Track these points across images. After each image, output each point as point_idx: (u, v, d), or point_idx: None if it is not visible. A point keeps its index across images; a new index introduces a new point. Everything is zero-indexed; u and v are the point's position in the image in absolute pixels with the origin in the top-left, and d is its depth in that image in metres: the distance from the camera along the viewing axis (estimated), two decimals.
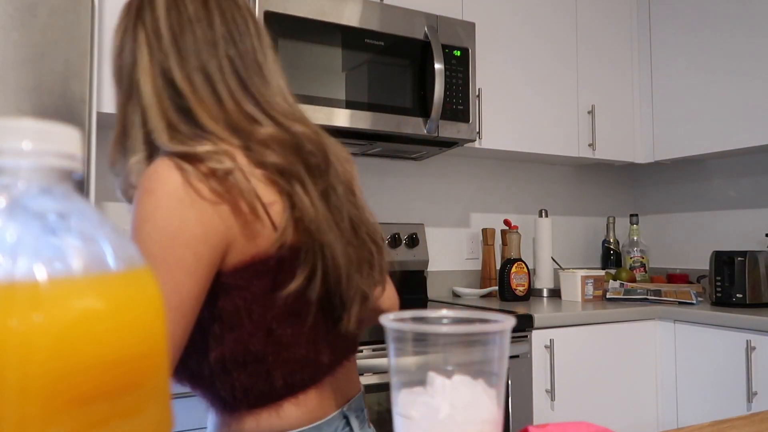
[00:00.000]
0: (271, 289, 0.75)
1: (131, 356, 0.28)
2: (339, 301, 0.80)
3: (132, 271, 0.30)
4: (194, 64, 0.78)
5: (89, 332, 0.26)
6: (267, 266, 0.75)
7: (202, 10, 0.81)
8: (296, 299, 0.77)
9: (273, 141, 0.76)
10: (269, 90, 0.82)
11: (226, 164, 0.72)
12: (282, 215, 0.75)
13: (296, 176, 0.76)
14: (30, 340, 0.24)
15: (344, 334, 0.83)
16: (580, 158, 2.56)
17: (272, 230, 0.74)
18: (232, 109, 0.78)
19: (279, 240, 0.74)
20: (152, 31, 0.80)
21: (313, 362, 0.79)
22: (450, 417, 0.41)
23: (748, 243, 2.56)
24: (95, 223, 0.30)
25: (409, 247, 2.34)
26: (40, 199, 0.28)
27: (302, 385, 0.79)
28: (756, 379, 1.88)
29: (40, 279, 0.26)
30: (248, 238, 0.74)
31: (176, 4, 0.81)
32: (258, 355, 0.76)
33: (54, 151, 0.28)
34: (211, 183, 0.72)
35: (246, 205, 0.72)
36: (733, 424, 0.72)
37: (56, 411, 0.25)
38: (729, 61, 2.33)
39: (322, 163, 0.79)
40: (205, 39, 0.80)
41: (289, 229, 0.75)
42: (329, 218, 0.78)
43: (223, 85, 0.79)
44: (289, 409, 0.78)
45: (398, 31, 1.99)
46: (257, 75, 0.82)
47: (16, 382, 0.24)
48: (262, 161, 0.75)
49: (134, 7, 0.83)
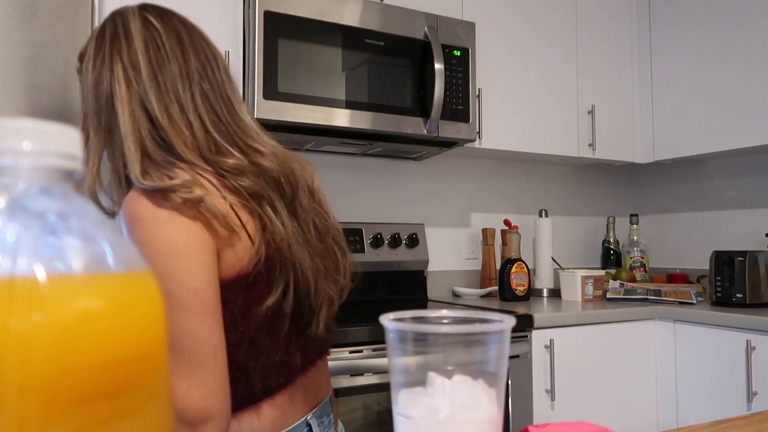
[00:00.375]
0: (252, 303, 0.81)
1: (131, 356, 0.28)
2: (308, 308, 0.86)
3: (132, 271, 0.30)
4: (172, 98, 0.83)
5: (89, 332, 0.26)
6: (248, 281, 0.80)
7: (178, 47, 0.86)
8: (273, 312, 0.82)
9: (240, 169, 0.82)
10: (238, 121, 0.88)
11: (196, 193, 0.76)
12: (256, 234, 0.80)
13: (266, 198, 0.82)
14: (30, 340, 0.24)
15: (314, 338, 0.89)
16: (580, 158, 2.56)
17: (251, 247, 0.80)
18: (203, 138, 0.83)
19: (256, 256, 0.80)
20: (130, 64, 0.84)
21: (287, 365, 0.85)
22: (450, 417, 0.41)
23: (748, 243, 2.56)
24: (95, 224, 0.30)
25: (409, 247, 2.35)
26: (40, 199, 0.28)
27: (278, 387, 0.85)
28: (756, 379, 1.88)
29: (40, 279, 0.26)
30: (231, 253, 0.79)
31: (153, 39, 0.85)
32: (240, 364, 0.81)
33: (54, 151, 0.28)
34: (184, 209, 0.76)
35: (220, 225, 0.77)
36: (733, 424, 0.72)
37: (56, 411, 0.25)
38: (729, 61, 2.33)
39: (288, 185, 0.86)
40: (181, 74, 0.85)
41: (262, 247, 0.80)
42: (299, 234, 0.85)
43: (195, 116, 0.84)
44: (267, 411, 0.84)
45: (398, 31, 1.99)
46: (227, 107, 0.88)
47: (16, 382, 0.24)
48: (234, 185, 0.81)
49: (108, 39, 0.86)
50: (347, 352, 1.60)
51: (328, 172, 2.35)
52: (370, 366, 1.61)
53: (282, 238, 0.82)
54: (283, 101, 1.80)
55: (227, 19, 1.85)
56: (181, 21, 0.90)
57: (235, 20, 1.86)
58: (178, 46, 0.86)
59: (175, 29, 0.88)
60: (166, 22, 0.88)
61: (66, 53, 1.40)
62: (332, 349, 1.59)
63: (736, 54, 2.30)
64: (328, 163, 2.35)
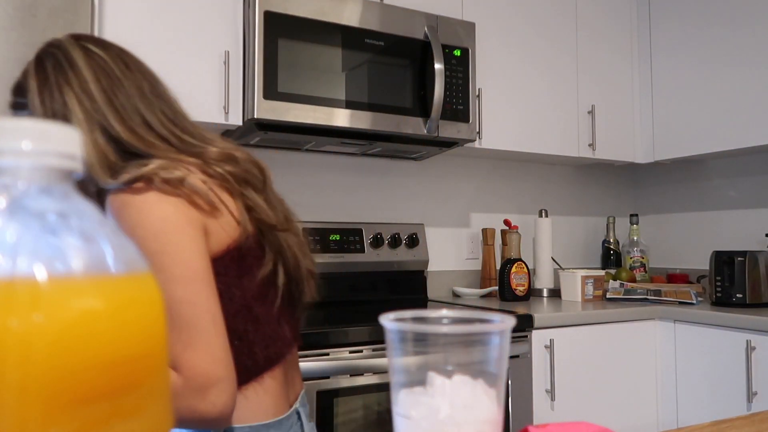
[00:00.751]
0: (244, 274, 0.86)
1: (131, 356, 0.28)
2: (295, 284, 0.95)
3: (132, 271, 0.30)
4: (135, 119, 0.87)
5: (89, 332, 0.26)
6: (239, 253, 0.86)
7: (128, 70, 0.90)
8: (266, 284, 0.89)
9: (223, 157, 0.88)
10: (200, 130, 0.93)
11: (176, 173, 0.80)
12: (239, 213, 0.86)
13: (250, 183, 0.89)
14: (30, 340, 0.24)
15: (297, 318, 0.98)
16: (580, 158, 2.56)
17: (235, 223, 0.85)
18: (178, 143, 0.88)
19: (244, 232, 0.86)
20: (82, 92, 0.85)
21: (281, 337, 0.91)
22: (450, 417, 0.41)
23: (748, 243, 2.56)
24: (95, 223, 0.30)
25: (409, 247, 2.35)
26: (40, 199, 0.28)
27: (276, 358, 0.90)
28: (756, 379, 1.88)
29: (40, 279, 0.26)
30: (217, 227, 0.84)
31: (101, 66, 0.88)
32: (239, 333, 0.85)
33: (54, 151, 0.28)
34: (167, 188, 0.80)
35: (203, 202, 0.82)
36: (733, 424, 0.72)
37: (56, 411, 0.25)
38: (729, 61, 2.33)
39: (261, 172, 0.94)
40: (140, 94, 0.88)
41: (249, 224, 0.87)
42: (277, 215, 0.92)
43: (165, 129, 0.88)
44: (269, 383, 0.89)
45: (398, 31, 1.99)
46: (183, 117, 0.93)
47: (16, 382, 0.24)
48: (218, 172, 0.86)
49: (51, 71, 0.87)
50: (347, 352, 1.60)
51: (328, 172, 2.35)
52: (370, 366, 1.61)
53: (269, 216, 0.89)
54: (283, 101, 1.80)
55: (227, 19, 1.85)
56: (119, 47, 0.94)
57: (235, 20, 1.86)
58: (127, 70, 0.90)
59: (117, 55, 0.91)
60: (108, 49, 0.91)
61: None
62: (332, 349, 1.59)
63: (737, 54, 2.30)
64: (328, 163, 2.35)
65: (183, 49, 1.79)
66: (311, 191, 2.31)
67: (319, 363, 1.55)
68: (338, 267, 2.19)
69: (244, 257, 0.86)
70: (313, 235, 2.18)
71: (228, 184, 0.86)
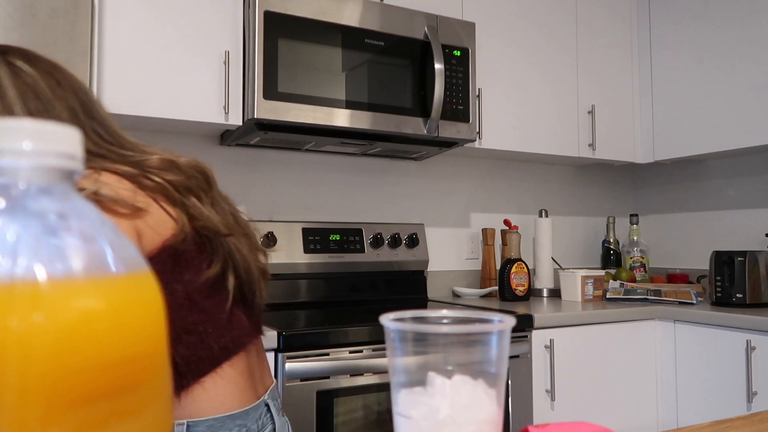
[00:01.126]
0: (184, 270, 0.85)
1: (131, 356, 0.28)
2: (248, 286, 0.93)
3: (132, 271, 0.30)
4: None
5: (89, 332, 0.26)
6: (177, 250, 0.84)
7: (59, 88, 0.85)
8: (214, 285, 0.87)
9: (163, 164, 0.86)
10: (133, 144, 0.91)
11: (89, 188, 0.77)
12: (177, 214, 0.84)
13: (191, 189, 0.87)
14: (30, 340, 0.24)
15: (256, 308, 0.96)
16: (580, 158, 2.56)
17: (171, 223, 0.84)
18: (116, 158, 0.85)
19: (181, 233, 0.84)
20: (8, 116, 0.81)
21: (237, 326, 0.90)
22: (450, 417, 0.41)
23: (748, 243, 2.56)
24: (95, 224, 0.30)
25: (409, 247, 2.35)
26: (40, 199, 0.28)
27: (234, 348, 0.88)
28: (756, 379, 1.88)
29: (40, 279, 0.26)
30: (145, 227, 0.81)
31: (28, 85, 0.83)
32: (188, 327, 0.84)
33: (54, 151, 0.28)
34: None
35: (123, 207, 0.79)
36: (733, 424, 0.72)
37: (56, 411, 0.25)
38: (730, 61, 2.33)
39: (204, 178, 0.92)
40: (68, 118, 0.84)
41: (187, 226, 0.85)
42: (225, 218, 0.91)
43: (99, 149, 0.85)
44: (230, 373, 0.87)
45: (398, 31, 1.99)
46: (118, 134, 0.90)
47: (16, 382, 0.24)
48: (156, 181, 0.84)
49: None
50: (347, 352, 1.60)
51: (328, 172, 2.35)
52: (370, 366, 1.61)
53: (214, 223, 0.87)
54: (283, 101, 1.80)
55: (227, 19, 1.85)
56: (50, 62, 0.88)
57: (235, 20, 1.86)
58: (58, 87, 0.85)
59: (48, 72, 0.86)
60: (37, 65, 0.85)
61: (66, 53, 1.40)
62: (332, 349, 1.59)
63: (737, 54, 2.30)
64: (328, 163, 2.35)
65: (183, 49, 1.79)
66: (311, 191, 2.31)
67: (319, 363, 1.55)
68: (338, 267, 2.19)
69: (181, 254, 0.84)
70: (313, 235, 2.18)
71: (168, 193, 0.84)
